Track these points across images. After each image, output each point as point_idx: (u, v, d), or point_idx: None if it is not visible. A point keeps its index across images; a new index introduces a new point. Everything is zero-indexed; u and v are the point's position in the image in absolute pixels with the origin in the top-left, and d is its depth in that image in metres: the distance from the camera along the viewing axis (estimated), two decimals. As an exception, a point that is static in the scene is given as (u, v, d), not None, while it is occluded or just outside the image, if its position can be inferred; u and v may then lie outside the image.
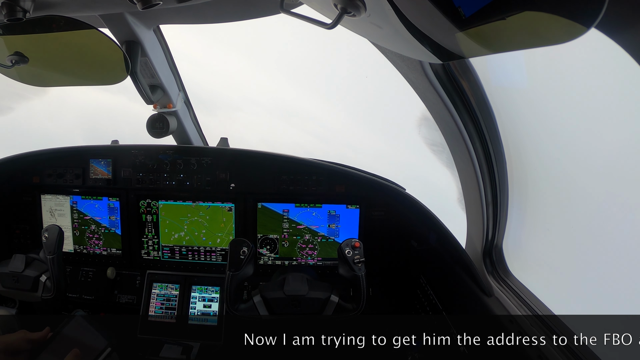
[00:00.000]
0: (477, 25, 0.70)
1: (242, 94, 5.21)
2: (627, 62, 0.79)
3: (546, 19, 0.63)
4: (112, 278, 2.68)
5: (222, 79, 5.00)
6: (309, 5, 1.01)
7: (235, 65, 4.79)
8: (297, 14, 0.95)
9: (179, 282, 2.62)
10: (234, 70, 4.90)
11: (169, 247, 2.67)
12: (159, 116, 2.33)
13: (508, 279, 1.99)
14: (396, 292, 2.65)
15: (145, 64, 2.00)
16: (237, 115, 5.29)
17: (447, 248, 2.22)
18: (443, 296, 2.27)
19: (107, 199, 2.66)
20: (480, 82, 1.65)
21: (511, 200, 1.92)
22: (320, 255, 2.61)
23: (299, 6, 1.22)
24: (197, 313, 2.55)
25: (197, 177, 2.57)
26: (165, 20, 1.84)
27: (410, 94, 1.84)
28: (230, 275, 1.93)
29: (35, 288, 2.18)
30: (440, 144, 2.34)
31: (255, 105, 5.24)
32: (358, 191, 2.53)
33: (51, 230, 2.14)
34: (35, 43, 1.46)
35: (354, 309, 1.93)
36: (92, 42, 1.49)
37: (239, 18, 1.68)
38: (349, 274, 1.95)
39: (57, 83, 1.97)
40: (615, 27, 0.75)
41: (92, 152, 2.62)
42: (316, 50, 4.00)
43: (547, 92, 1.55)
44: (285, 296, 1.92)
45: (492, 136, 1.79)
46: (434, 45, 0.84)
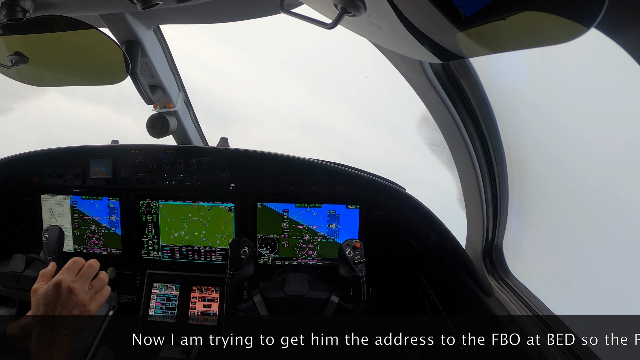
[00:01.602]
0: (477, 25, 0.70)
1: (260, 106, 5.08)
2: (627, 62, 0.79)
3: (546, 19, 0.63)
4: (112, 278, 2.68)
5: (238, 89, 4.90)
6: (309, 5, 1.01)
7: (248, 71, 4.69)
8: (297, 14, 0.95)
9: (179, 282, 2.62)
10: (250, 77, 4.77)
11: (169, 247, 2.67)
12: (159, 116, 2.33)
13: (508, 279, 1.99)
14: (396, 292, 2.65)
15: (145, 64, 2.00)
16: (255, 130, 5.17)
17: (447, 248, 2.22)
18: (443, 296, 2.27)
19: (107, 199, 2.66)
20: (480, 82, 1.65)
21: (511, 200, 1.92)
22: (320, 255, 2.61)
23: (299, 6, 1.22)
24: (197, 313, 2.55)
25: (197, 177, 2.57)
26: (165, 20, 1.84)
27: (410, 94, 1.84)
28: (230, 275, 1.93)
29: (35, 288, 2.18)
30: (440, 144, 2.34)
31: (274, 117, 5.13)
32: (358, 191, 2.53)
33: (52, 230, 2.14)
34: (35, 43, 1.45)
35: (354, 309, 1.93)
36: (92, 42, 1.49)
37: (239, 18, 1.68)
38: (350, 274, 1.95)
39: (57, 83, 1.97)
40: (615, 27, 0.75)
41: (92, 152, 2.62)
42: (325, 54, 3.96)
43: (547, 92, 1.55)
44: (285, 296, 1.93)
45: (492, 136, 1.79)
46: (434, 45, 0.84)
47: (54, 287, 1.34)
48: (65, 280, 1.36)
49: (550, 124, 1.60)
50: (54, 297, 1.33)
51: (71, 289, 1.35)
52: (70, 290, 1.35)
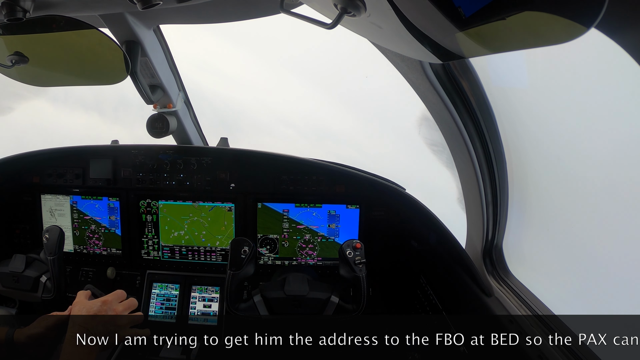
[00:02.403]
0: (477, 25, 0.70)
1: (272, 114, 4.99)
2: (627, 62, 0.79)
3: (546, 19, 0.63)
4: (112, 278, 2.68)
5: (248, 92, 4.81)
6: (309, 5, 1.01)
7: (259, 75, 4.59)
8: (297, 14, 0.95)
9: (179, 282, 2.62)
10: (263, 83, 4.67)
11: (169, 247, 2.67)
12: (159, 116, 2.33)
13: (508, 279, 1.99)
14: (396, 292, 2.65)
15: (145, 64, 2.00)
16: (265, 140, 5.09)
17: (447, 248, 2.22)
18: (443, 296, 2.27)
19: (107, 199, 2.66)
20: (480, 82, 1.65)
21: (511, 200, 1.92)
22: (320, 255, 2.61)
23: (299, 6, 1.22)
24: (197, 313, 2.55)
25: (197, 177, 2.57)
26: (165, 20, 1.84)
27: (410, 94, 1.84)
28: (231, 275, 1.93)
29: (36, 288, 2.18)
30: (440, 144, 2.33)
31: (286, 126, 5.04)
32: (358, 191, 2.53)
33: (52, 231, 2.14)
34: (35, 43, 1.46)
35: (354, 309, 1.93)
36: (92, 42, 1.49)
37: (239, 18, 1.68)
38: (350, 275, 1.95)
39: (57, 83, 1.97)
40: (615, 27, 0.75)
41: (92, 152, 2.62)
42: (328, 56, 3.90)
43: (547, 92, 1.55)
44: (285, 296, 1.93)
45: (492, 136, 1.79)
46: (434, 45, 0.84)
47: (101, 303, 1.57)
48: (111, 302, 1.59)
49: (550, 124, 1.60)
50: (97, 309, 1.54)
51: (113, 310, 1.58)
52: (112, 310, 1.58)
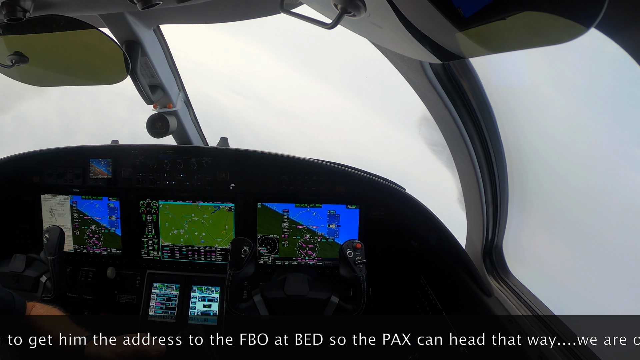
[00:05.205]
0: (477, 26, 0.70)
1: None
2: (627, 62, 0.79)
3: (546, 19, 0.63)
4: (112, 278, 2.67)
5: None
6: (309, 5, 1.01)
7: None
8: (297, 14, 0.95)
9: (179, 282, 2.62)
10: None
11: (168, 247, 2.67)
12: (159, 116, 2.33)
13: (508, 279, 1.99)
14: (396, 292, 2.65)
15: (145, 64, 2.00)
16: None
17: (447, 248, 2.22)
18: (443, 296, 2.27)
19: (107, 198, 2.66)
20: (480, 82, 1.65)
21: (511, 200, 1.92)
22: (320, 255, 2.61)
23: (299, 6, 1.22)
24: (197, 313, 2.55)
25: (197, 177, 2.57)
26: (165, 20, 1.84)
27: (410, 94, 1.84)
28: (231, 274, 1.93)
29: (36, 288, 2.18)
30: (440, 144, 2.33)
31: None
32: (358, 191, 2.53)
33: (52, 231, 2.14)
34: (35, 43, 1.46)
35: (354, 309, 1.93)
36: (92, 42, 1.50)
37: (239, 18, 1.68)
38: (350, 275, 1.95)
39: (57, 83, 1.97)
40: (615, 27, 0.75)
41: (92, 152, 2.62)
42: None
43: (547, 92, 1.55)
44: (285, 296, 1.93)
45: (492, 136, 1.79)
46: (434, 45, 0.84)
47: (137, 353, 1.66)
48: (149, 351, 1.68)
49: (550, 124, 1.60)
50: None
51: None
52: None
